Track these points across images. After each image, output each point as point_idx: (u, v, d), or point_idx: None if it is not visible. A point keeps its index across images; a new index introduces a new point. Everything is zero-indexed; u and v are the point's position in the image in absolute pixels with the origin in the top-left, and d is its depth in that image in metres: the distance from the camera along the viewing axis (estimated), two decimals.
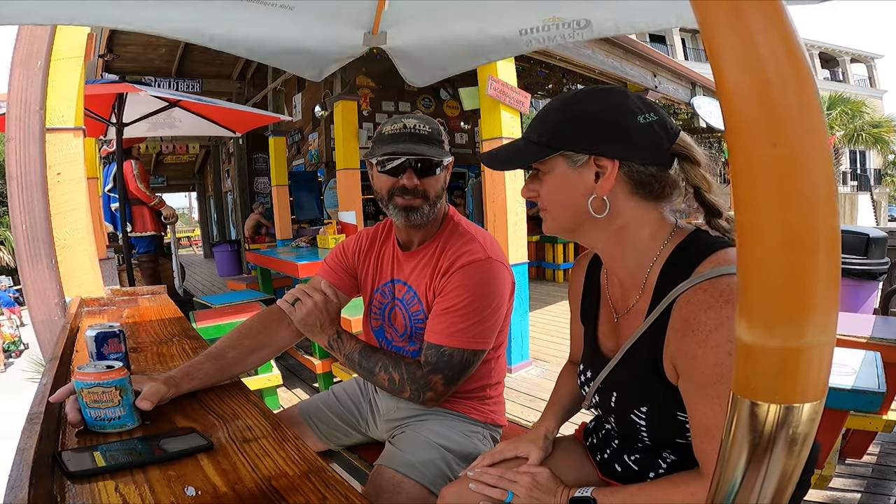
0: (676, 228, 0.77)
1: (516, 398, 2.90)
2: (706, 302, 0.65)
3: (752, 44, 0.28)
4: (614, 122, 0.72)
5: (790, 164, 0.29)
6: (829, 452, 1.68)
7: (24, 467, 0.61)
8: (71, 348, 1.30)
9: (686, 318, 0.67)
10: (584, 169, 0.73)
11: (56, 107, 2.05)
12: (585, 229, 0.78)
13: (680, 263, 0.73)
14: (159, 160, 11.91)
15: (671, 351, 0.70)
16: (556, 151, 0.74)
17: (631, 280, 0.80)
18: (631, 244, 0.77)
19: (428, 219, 1.14)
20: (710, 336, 0.64)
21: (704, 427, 0.66)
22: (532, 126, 0.79)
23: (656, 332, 0.73)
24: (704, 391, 0.65)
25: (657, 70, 5.87)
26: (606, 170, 0.72)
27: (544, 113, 0.78)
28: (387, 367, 1.10)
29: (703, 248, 0.72)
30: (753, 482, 0.36)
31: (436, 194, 1.13)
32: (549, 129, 0.75)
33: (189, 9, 1.39)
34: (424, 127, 1.11)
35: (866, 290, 3.40)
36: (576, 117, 0.73)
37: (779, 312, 0.31)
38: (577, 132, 0.73)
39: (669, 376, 0.72)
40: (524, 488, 0.85)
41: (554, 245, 6.76)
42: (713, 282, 0.66)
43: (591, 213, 0.74)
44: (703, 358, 0.65)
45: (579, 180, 0.74)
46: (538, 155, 0.75)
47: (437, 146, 1.12)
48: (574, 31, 1.52)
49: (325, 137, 7.07)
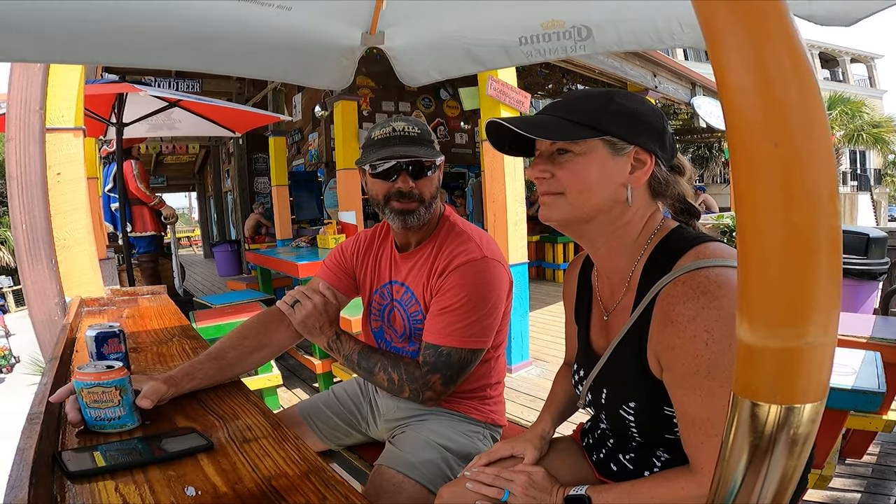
0: (661, 224, 0.79)
1: (516, 398, 2.90)
2: (684, 293, 0.67)
3: (754, 43, 0.28)
4: (658, 123, 0.77)
5: (792, 163, 0.29)
6: (829, 452, 1.67)
7: (24, 467, 0.61)
8: (71, 348, 1.30)
9: (666, 310, 0.69)
10: (624, 158, 0.75)
11: (56, 107, 2.05)
12: (596, 220, 0.78)
13: (662, 259, 0.75)
14: (159, 160, 11.91)
15: (654, 344, 0.72)
16: (604, 135, 0.74)
17: (618, 277, 0.82)
18: (626, 239, 0.79)
19: (424, 221, 1.14)
20: (687, 326, 0.66)
21: (690, 418, 0.68)
22: (562, 108, 0.78)
23: (640, 327, 0.74)
24: (686, 382, 0.67)
25: (657, 70, 5.87)
26: (645, 164, 0.75)
27: (579, 99, 0.78)
28: (386, 368, 1.10)
29: (683, 242, 0.74)
30: (754, 483, 0.36)
31: (430, 196, 1.14)
32: (593, 114, 0.75)
33: (184, 45, 1.38)
34: (413, 129, 1.11)
35: (866, 290, 3.40)
36: (625, 110, 0.75)
37: (780, 313, 0.31)
38: (626, 123, 0.74)
39: (654, 370, 0.73)
40: (520, 487, 0.85)
41: (554, 245, 6.76)
42: (691, 274, 0.68)
43: (616, 203, 0.75)
44: (681, 349, 0.66)
45: (616, 168, 0.75)
46: (585, 134, 0.74)
47: (428, 147, 1.12)
48: (576, 43, 1.52)
49: (325, 137, 7.07)
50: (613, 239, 0.79)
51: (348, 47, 1.77)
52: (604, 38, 1.50)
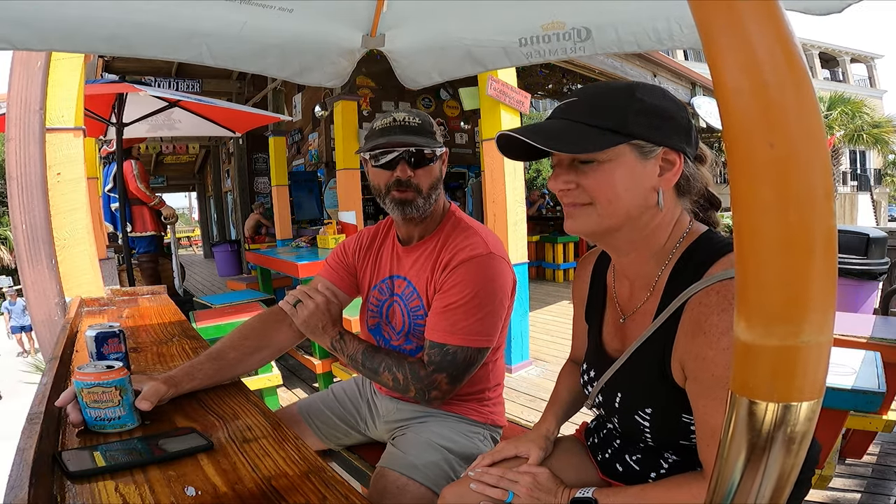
0: (690, 227, 0.77)
1: (516, 398, 2.90)
2: (718, 304, 0.65)
3: (750, 45, 0.29)
4: (684, 118, 0.72)
5: (787, 164, 0.29)
6: (829, 452, 1.68)
7: (24, 467, 0.61)
8: (71, 348, 1.30)
9: (697, 320, 0.67)
10: (652, 161, 0.70)
11: (56, 107, 2.05)
12: (627, 228, 0.73)
13: (691, 265, 0.72)
14: (159, 160, 11.92)
15: (680, 353, 0.70)
16: (633, 139, 0.68)
17: (642, 281, 0.80)
18: (655, 245, 0.76)
19: (423, 212, 1.14)
20: (721, 339, 0.63)
21: (711, 429, 0.66)
22: (578, 110, 0.72)
23: (665, 333, 0.72)
24: (713, 393, 0.65)
25: (657, 70, 5.88)
26: (675, 164, 0.71)
27: (599, 97, 0.72)
28: (390, 368, 1.10)
29: (715, 249, 0.71)
30: (752, 481, 0.36)
31: (429, 186, 1.13)
32: (617, 117, 0.69)
33: (187, 20, 1.40)
34: (414, 119, 1.12)
35: (866, 290, 3.41)
36: (650, 108, 0.69)
37: (776, 312, 0.32)
38: (653, 122, 0.69)
39: (677, 378, 0.71)
40: (525, 488, 0.84)
41: (554, 245, 6.76)
42: (725, 284, 0.65)
43: (647, 209, 0.71)
44: (713, 360, 0.64)
45: (645, 172, 0.70)
46: (612, 141, 0.68)
47: (429, 137, 1.12)
48: (576, 44, 1.52)
49: (325, 137, 7.07)
50: (643, 245, 0.76)
51: (348, 49, 1.78)
52: (603, 39, 1.50)
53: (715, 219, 0.81)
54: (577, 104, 0.72)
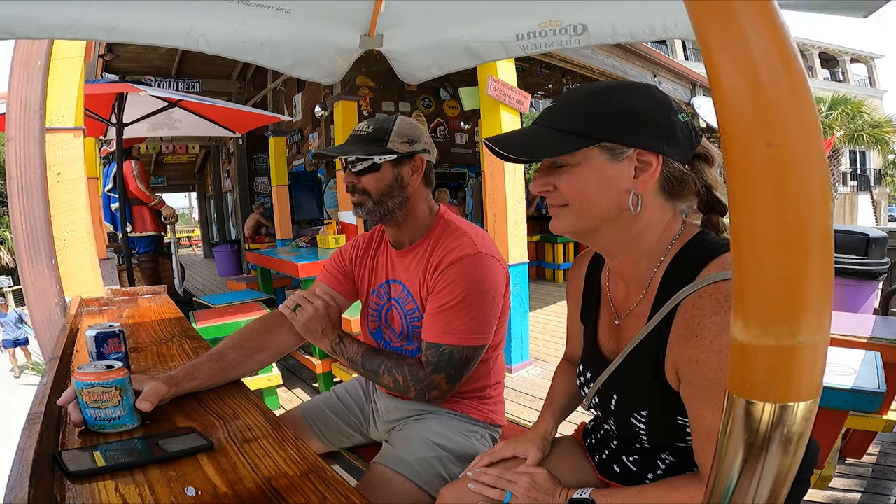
0: (683, 229, 0.76)
1: (516, 398, 2.90)
2: (711, 307, 0.64)
3: (746, 45, 0.29)
4: (662, 117, 0.70)
5: (784, 164, 0.29)
6: (828, 452, 1.68)
7: (24, 467, 0.61)
8: (71, 348, 1.30)
9: (690, 322, 0.66)
10: (625, 163, 0.69)
11: (56, 107, 2.05)
12: (607, 229, 0.74)
13: (684, 266, 0.71)
14: (159, 160, 11.92)
15: (674, 356, 0.69)
16: (598, 142, 0.68)
17: (636, 282, 0.79)
18: (645, 246, 0.75)
19: (376, 215, 1.16)
20: (714, 341, 0.63)
21: (706, 432, 0.66)
22: (551, 115, 0.73)
23: (658, 336, 0.72)
24: (707, 396, 0.65)
25: (657, 70, 5.88)
26: (651, 165, 0.69)
27: (568, 102, 0.73)
28: (390, 370, 1.11)
29: (708, 250, 0.71)
30: (749, 481, 0.36)
31: (378, 191, 1.14)
32: (583, 120, 0.69)
33: (187, 17, 1.41)
34: (368, 128, 1.15)
35: (866, 290, 3.41)
36: (619, 109, 0.69)
37: (773, 311, 0.32)
38: (622, 124, 0.68)
39: (671, 381, 0.71)
40: (523, 489, 0.85)
41: (554, 245, 6.76)
42: (718, 286, 0.65)
43: (623, 210, 0.71)
44: (706, 363, 0.64)
45: (617, 174, 0.69)
46: (576, 144, 0.69)
47: (373, 144, 1.12)
48: (571, 38, 1.53)
49: (325, 137, 7.08)
50: (631, 247, 0.76)
51: (346, 49, 1.78)
52: (599, 32, 1.52)
53: (718, 224, 0.78)
54: (553, 109, 0.74)
